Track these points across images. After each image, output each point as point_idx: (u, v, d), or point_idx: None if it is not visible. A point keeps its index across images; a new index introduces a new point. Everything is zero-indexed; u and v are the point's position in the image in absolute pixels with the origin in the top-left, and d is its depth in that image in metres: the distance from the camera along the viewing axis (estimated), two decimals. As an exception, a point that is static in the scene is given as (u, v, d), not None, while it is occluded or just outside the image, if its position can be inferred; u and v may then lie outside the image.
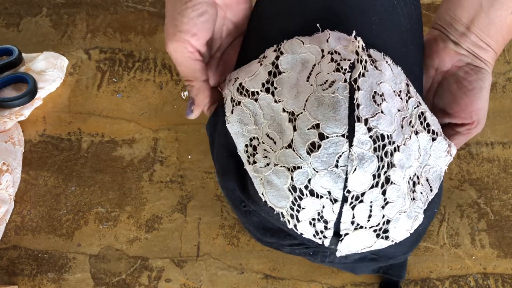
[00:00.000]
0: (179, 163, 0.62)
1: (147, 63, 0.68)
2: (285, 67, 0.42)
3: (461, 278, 0.55)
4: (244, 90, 0.44)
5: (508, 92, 0.65)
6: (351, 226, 0.40)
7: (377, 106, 0.39)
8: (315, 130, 0.38)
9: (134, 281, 0.56)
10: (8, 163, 0.58)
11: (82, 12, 0.72)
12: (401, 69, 0.44)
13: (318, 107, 0.39)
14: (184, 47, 0.43)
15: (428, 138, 0.44)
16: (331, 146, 0.38)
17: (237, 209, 0.48)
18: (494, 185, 0.59)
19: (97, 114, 0.65)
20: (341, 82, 0.39)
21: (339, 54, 0.40)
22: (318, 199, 0.39)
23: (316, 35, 0.43)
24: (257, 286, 0.55)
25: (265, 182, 0.41)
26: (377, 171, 0.39)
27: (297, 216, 0.40)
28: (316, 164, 0.38)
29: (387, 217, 0.40)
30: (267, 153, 0.42)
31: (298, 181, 0.39)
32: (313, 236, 0.42)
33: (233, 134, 0.45)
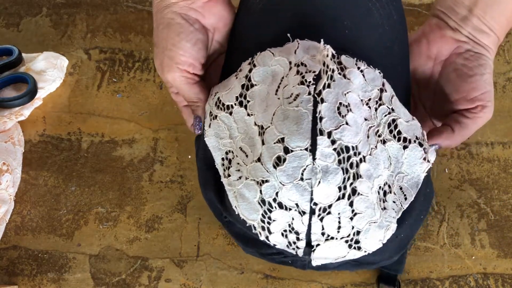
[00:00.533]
0: (179, 163, 0.62)
1: (147, 63, 0.68)
2: (257, 79, 0.43)
3: (461, 278, 0.55)
4: (220, 104, 0.44)
5: (508, 92, 0.65)
6: (322, 237, 0.40)
7: (342, 118, 0.39)
8: (280, 144, 0.39)
9: (134, 281, 0.56)
10: (8, 163, 0.58)
11: (82, 12, 0.72)
12: (380, 72, 0.44)
13: (284, 120, 0.39)
14: (182, 76, 0.45)
15: (398, 146, 0.43)
16: (295, 160, 0.38)
17: (219, 219, 0.49)
18: (494, 185, 0.59)
19: (97, 114, 0.65)
20: (305, 95, 0.39)
21: (305, 66, 0.41)
22: (287, 211, 0.40)
23: (286, 46, 0.43)
24: (257, 286, 0.55)
25: (238, 195, 0.42)
26: (343, 183, 0.39)
27: (268, 228, 0.41)
28: (282, 178, 0.39)
29: (357, 228, 0.40)
30: (239, 166, 0.43)
31: (266, 194, 0.40)
32: (287, 247, 0.42)
33: (211, 147, 0.46)
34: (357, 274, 0.55)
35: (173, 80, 0.46)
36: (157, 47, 0.45)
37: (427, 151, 0.45)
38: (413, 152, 0.44)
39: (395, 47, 0.48)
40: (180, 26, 0.45)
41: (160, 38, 0.45)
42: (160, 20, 0.45)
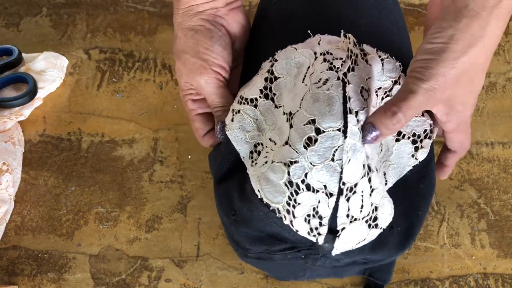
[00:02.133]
0: (179, 163, 0.62)
1: (147, 63, 0.68)
2: (280, 72, 0.44)
3: (461, 278, 0.55)
4: (243, 100, 0.45)
5: (508, 92, 0.65)
6: (347, 219, 0.40)
7: (364, 101, 0.41)
8: (311, 125, 0.39)
9: (134, 281, 0.56)
10: (8, 163, 0.58)
11: (82, 12, 0.72)
12: (400, 65, 0.45)
13: (314, 103, 0.40)
14: (215, 78, 0.46)
15: (391, 137, 0.45)
16: (327, 140, 0.39)
17: (227, 218, 0.48)
18: (494, 185, 0.59)
19: (97, 114, 0.65)
20: (334, 80, 0.40)
21: (331, 54, 0.42)
22: (314, 193, 0.40)
23: (308, 40, 0.44)
24: (257, 286, 0.55)
25: (262, 178, 0.42)
26: (366, 161, 0.40)
27: (293, 212, 0.41)
28: (313, 158, 0.39)
29: (375, 204, 0.41)
30: (267, 153, 0.43)
31: (294, 175, 0.40)
32: (308, 234, 0.42)
33: (234, 141, 0.45)
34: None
35: (206, 83, 0.46)
36: (186, 52, 0.46)
37: (418, 149, 0.45)
38: (403, 146, 0.45)
39: (403, 50, 0.49)
40: (210, 31, 0.46)
41: (190, 43, 0.46)
42: (188, 27, 0.47)
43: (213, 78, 0.46)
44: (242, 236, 0.47)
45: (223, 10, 0.47)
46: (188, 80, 0.48)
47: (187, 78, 0.48)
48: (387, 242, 0.45)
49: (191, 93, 0.49)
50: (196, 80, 0.47)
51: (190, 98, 0.50)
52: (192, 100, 0.50)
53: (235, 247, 0.51)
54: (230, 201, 0.47)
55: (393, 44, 0.47)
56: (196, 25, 0.46)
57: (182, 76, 0.48)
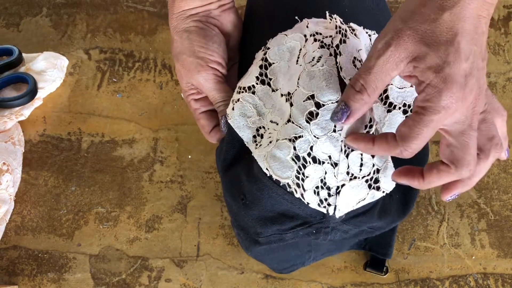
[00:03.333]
0: (179, 163, 0.62)
1: (147, 63, 0.68)
2: (274, 58, 0.45)
3: (461, 278, 0.55)
4: (241, 89, 0.46)
5: (508, 92, 0.65)
6: (347, 176, 0.42)
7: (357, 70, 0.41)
8: (311, 100, 0.41)
9: (134, 281, 0.56)
10: (8, 163, 0.58)
11: (82, 12, 0.72)
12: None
13: (311, 80, 0.41)
14: (213, 74, 0.48)
15: (383, 108, 0.45)
16: (328, 113, 0.40)
17: (236, 203, 0.49)
18: (494, 185, 0.59)
19: (97, 114, 0.65)
20: (327, 56, 0.41)
21: (320, 34, 0.43)
22: (320, 165, 0.41)
23: (297, 25, 0.46)
24: (257, 286, 0.55)
25: (269, 157, 0.43)
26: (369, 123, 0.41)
27: (302, 185, 0.42)
28: (316, 131, 0.40)
29: (377, 166, 0.42)
30: (270, 134, 0.44)
31: (301, 149, 0.41)
32: (318, 205, 0.43)
33: (236, 128, 0.47)
34: (357, 274, 0.55)
35: (205, 80, 0.48)
36: (183, 53, 0.48)
37: None
38: (395, 116, 0.46)
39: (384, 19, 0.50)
40: (204, 30, 0.48)
41: (186, 44, 0.48)
42: (182, 29, 0.48)
43: (211, 74, 0.48)
44: (253, 219, 0.48)
45: (216, 12, 0.49)
46: (188, 80, 0.49)
47: (187, 78, 0.49)
48: (389, 209, 0.46)
49: (193, 92, 0.50)
50: (195, 79, 0.48)
51: (192, 98, 0.51)
52: (195, 99, 0.51)
53: (244, 237, 0.51)
54: (239, 186, 0.48)
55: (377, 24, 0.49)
56: (190, 26, 0.48)
57: (183, 77, 0.49)
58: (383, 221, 0.47)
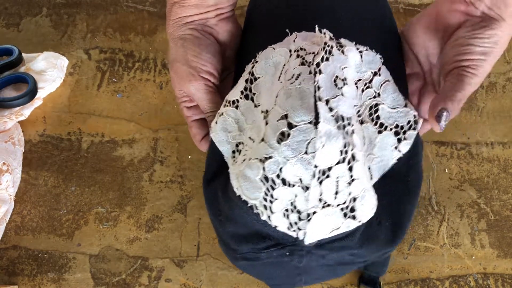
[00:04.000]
0: (179, 163, 0.62)
1: (147, 63, 0.68)
2: (260, 72, 0.45)
3: (461, 278, 0.55)
4: (227, 102, 0.46)
5: (508, 92, 0.65)
6: (319, 203, 0.40)
7: (338, 89, 0.41)
8: (284, 120, 0.40)
9: (134, 281, 0.56)
10: (8, 163, 0.58)
11: (82, 12, 0.72)
12: (380, 58, 0.45)
13: (287, 99, 0.40)
14: (205, 84, 0.48)
15: (373, 129, 0.45)
16: (300, 134, 0.39)
17: (215, 218, 0.49)
18: (494, 185, 0.59)
19: (97, 114, 0.65)
20: (306, 74, 0.40)
21: (304, 50, 0.42)
22: (290, 187, 0.40)
23: (286, 39, 0.45)
24: (257, 286, 0.55)
25: (240, 176, 0.42)
26: (344, 148, 0.40)
27: (270, 208, 0.41)
28: (286, 153, 0.39)
29: (353, 195, 0.41)
30: (246, 151, 0.43)
31: (270, 170, 0.40)
32: (288, 229, 0.42)
33: (217, 142, 0.46)
34: (358, 273, 0.55)
35: (196, 90, 0.48)
36: (177, 61, 0.48)
37: (401, 141, 0.45)
38: (387, 138, 0.45)
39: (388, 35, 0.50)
40: (199, 39, 0.48)
41: (180, 52, 0.48)
42: (179, 36, 0.48)
43: (202, 84, 0.48)
44: (229, 236, 0.47)
45: (213, 20, 0.49)
46: (180, 87, 0.49)
47: (179, 86, 0.49)
48: (375, 236, 0.44)
49: (185, 100, 0.50)
50: (186, 87, 0.48)
51: (185, 105, 0.51)
52: (187, 107, 0.51)
53: (225, 251, 0.51)
54: (216, 202, 0.48)
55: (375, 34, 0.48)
56: (185, 34, 0.48)
57: (175, 84, 0.49)
58: (366, 249, 0.45)
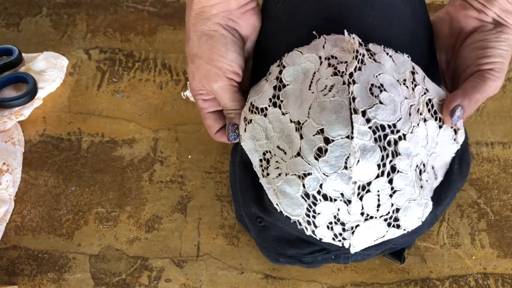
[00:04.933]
0: (179, 163, 0.62)
1: (147, 63, 0.68)
2: (288, 79, 0.43)
3: (461, 278, 0.55)
4: (254, 108, 0.45)
5: (508, 92, 0.65)
6: (361, 217, 0.40)
7: (374, 98, 0.39)
8: (320, 135, 0.39)
9: (134, 281, 0.56)
10: (8, 163, 0.58)
11: (82, 12, 0.72)
12: (408, 56, 0.44)
13: (321, 112, 0.39)
14: (230, 85, 0.47)
15: (435, 125, 0.44)
16: (337, 149, 0.38)
17: (253, 225, 0.49)
18: (494, 185, 0.59)
19: (97, 114, 0.65)
20: (340, 85, 0.39)
21: (335, 58, 0.41)
22: (332, 202, 0.40)
23: (314, 43, 0.44)
24: (257, 286, 0.55)
25: (278, 192, 0.42)
26: (382, 161, 0.39)
27: (313, 222, 0.41)
28: (325, 169, 0.39)
29: (396, 206, 0.40)
30: (278, 164, 0.43)
31: (310, 187, 0.40)
32: (332, 240, 0.42)
33: (248, 151, 0.46)
34: (357, 273, 0.55)
35: (221, 89, 0.47)
36: (200, 58, 0.47)
37: (457, 132, 0.45)
38: (446, 132, 0.44)
39: (419, 28, 0.48)
40: (225, 37, 0.46)
41: (204, 49, 0.46)
42: (202, 32, 0.47)
43: (227, 84, 0.47)
44: (271, 240, 0.47)
45: (236, 13, 0.47)
46: (201, 84, 0.48)
47: (200, 82, 0.48)
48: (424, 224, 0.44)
49: (202, 93, 0.49)
50: (210, 86, 0.47)
51: (201, 98, 0.50)
52: (204, 99, 0.50)
53: (265, 253, 0.51)
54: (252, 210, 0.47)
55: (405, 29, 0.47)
56: (210, 30, 0.46)
57: (195, 79, 0.48)
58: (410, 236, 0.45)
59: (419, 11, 0.49)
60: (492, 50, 0.46)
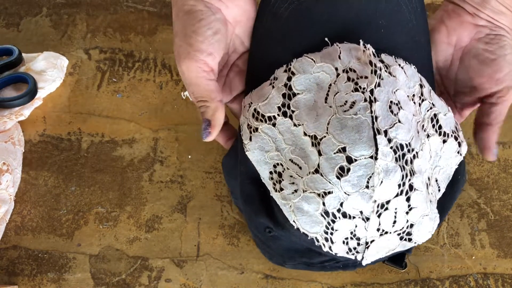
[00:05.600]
0: (179, 163, 0.62)
1: (147, 63, 0.68)
2: (299, 88, 0.42)
3: (461, 278, 0.55)
4: (260, 116, 0.43)
5: (508, 92, 0.65)
6: (377, 233, 0.40)
7: (394, 116, 0.39)
8: (342, 154, 0.38)
9: (134, 281, 0.56)
10: (8, 163, 0.58)
11: (82, 12, 0.72)
12: (415, 68, 0.44)
13: (342, 130, 0.38)
14: (199, 67, 0.42)
15: (439, 140, 0.43)
16: (360, 169, 0.38)
17: (262, 234, 0.48)
18: (494, 185, 0.59)
19: (97, 114, 0.65)
20: (361, 103, 0.38)
21: (354, 72, 0.40)
22: (350, 219, 0.39)
23: (326, 51, 0.42)
24: (257, 286, 0.55)
25: (295, 209, 0.41)
26: (402, 180, 0.39)
27: (331, 239, 0.41)
28: (347, 188, 0.38)
29: (411, 222, 0.41)
30: (293, 179, 0.42)
31: (330, 206, 0.39)
32: (346, 253, 0.42)
33: (255, 162, 0.44)
34: (357, 273, 0.55)
35: (188, 70, 0.42)
36: (176, 35, 0.42)
37: (461, 145, 0.45)
38: (450, 146, 0.44)
39: (422, 39, 0.48)
40: (202, 13, 0.42)
41: (180, 25, 0.42)
42: (181, 7, 0.42)
43: (196, 65, 0.42)
44: (281, 249, 0.47)
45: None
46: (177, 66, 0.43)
47: (177, 64, 0.43)
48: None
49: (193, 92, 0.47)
50: (180, 65, 0.42)
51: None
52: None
53: (272, 259, 0.51)
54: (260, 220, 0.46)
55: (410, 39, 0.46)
56: (190, 4, 0.42)
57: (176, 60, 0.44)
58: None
59: (422, 20, 0.48)
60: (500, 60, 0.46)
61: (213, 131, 0.44)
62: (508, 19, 0.47)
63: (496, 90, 0.46)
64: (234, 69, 0.48)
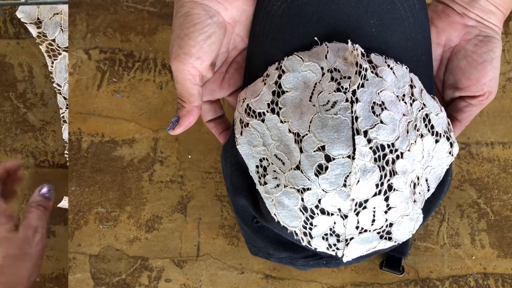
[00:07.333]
0: (179, 163, 0.62)
1: (147, 63, 0.68)
2: (288, 86, 0.43)
3: (461, 278, 0.55)
4: (251, 111, 0.44)
5: (508, 92, 0.65)
6: (356, 230, 0.41)
7: (376, 117, 0.39)
8: (321, 152, 0.39)
9: (134, 281, 0.56)
10: (8, 163, 0.58)
11: (82, 12, 0.72)
12: (406, 68, 0.44)
13: (322, 128, 0.39)
14: (186, 70, 0.43)
15: (432, 140, 0.44)
16: (338, 168, 0.39)
17: (248, 226, 0.49)
18: (494, 185, 0.59)
19: (97, 114, 0.65)
20: (342, 103, 0.39)
21: (338, 72, 0.41)
22: (329, 216, 0.40)
23: (315, 50, 0.43)
24: (257, 286, 0.55)
25: (276, 203, 0.42)
26: (380, 180, 0.39)
27: (310, 233, 0.42)
28: (324, 185, 0.39)
29: (390, 221, 0.41)
30: (276, 174, 0.43)
31: (308, 201, 0.40)
32: (327, 249, 0.43)
33: (244, 155, 0.45)
34: (357, 274, 0.55)
35: (176, 70, 0.43)
36: (172, 33, 0.44)
37: (452, 145, 0.45)
38: (443, 146, 0.45)
39: (419, 37, 0.47)
40: (198, 16, 0.43)
41: (176, 25, 0.43)
42: (180, 8, 0.43)
43: (183, 68, 0.43)
44: (266, 241, 0.48)
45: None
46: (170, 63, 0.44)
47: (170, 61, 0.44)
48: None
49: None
50: (171, 64, 0.43)
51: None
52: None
53: (256, 252, 0.51)
54: (248, 211, 0.48)
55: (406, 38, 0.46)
56: (188, 6, 0.43)
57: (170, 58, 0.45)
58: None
59: (420, 17, 0.48)
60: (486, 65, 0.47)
61: (177, 129, 0.47)
62: (498, 18, 0.47)
63: (479, 94, 0.48)
64: (233, 65, 0.49)
